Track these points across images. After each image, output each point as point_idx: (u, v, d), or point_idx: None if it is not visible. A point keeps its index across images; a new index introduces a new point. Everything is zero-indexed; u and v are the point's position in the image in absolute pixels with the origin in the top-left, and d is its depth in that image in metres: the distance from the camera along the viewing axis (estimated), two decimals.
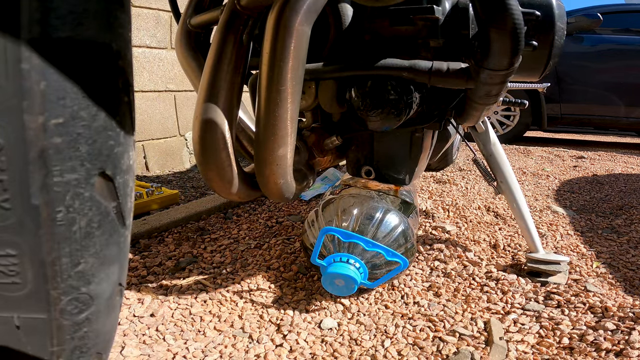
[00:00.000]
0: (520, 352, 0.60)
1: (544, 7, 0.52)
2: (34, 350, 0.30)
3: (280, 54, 0.39)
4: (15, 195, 0.25)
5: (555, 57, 0.55)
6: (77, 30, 0.25)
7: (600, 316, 0.70)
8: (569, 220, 1.25)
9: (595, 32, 2.98)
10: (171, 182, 1.71)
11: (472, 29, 0.52)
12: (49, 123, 0.25)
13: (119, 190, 0.30)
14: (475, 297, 0.76)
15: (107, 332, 0.33)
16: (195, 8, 0.63)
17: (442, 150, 0.86)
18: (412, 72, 0.49)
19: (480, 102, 0.50)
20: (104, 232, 0.30)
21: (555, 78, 3.03)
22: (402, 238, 0.71)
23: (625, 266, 0.91)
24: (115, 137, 0.29)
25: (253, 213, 1.23)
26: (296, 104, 0.43)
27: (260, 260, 0.89)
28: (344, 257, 0.65)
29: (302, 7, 0.38)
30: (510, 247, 1.00)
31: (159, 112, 1.94)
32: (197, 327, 0.65)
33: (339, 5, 0.55)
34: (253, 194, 0.51)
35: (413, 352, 0.60)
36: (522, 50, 0.40)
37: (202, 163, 0.44)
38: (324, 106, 0.57)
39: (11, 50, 0.23)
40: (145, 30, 1.82)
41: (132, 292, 0.75)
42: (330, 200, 0.76)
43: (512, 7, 0.37)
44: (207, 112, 0.43)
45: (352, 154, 0.63)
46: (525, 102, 0.85)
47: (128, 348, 0.59)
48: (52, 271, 0.28)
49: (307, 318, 0.68)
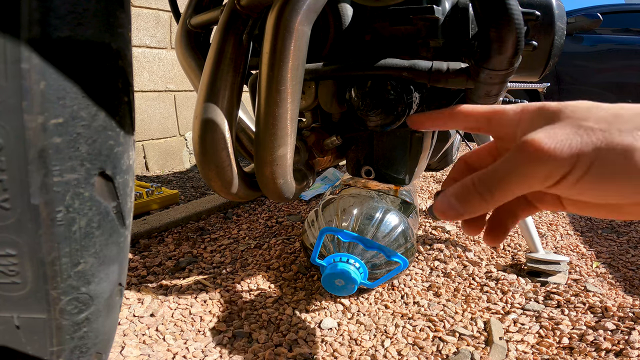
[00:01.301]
0: (520, 352, 0.60)
1: (544, 7, 0.52)
2: (33, 350, 0.30)
3: (280, 54, 0.39)
4: (15, 195, 0.25)
5: (555, 57, 0.55)
6: (76, 30, 0.25)
7: (600, 316, 0.70)
8: (569, 220, 1.25)
9: (595, 32, 2.98)
10: (171, 182, 1.71)
11: (472, 29, 0.52)
12: (48, 123, 0.25)
13: (119, 190, 0.30)
14: (475, 297, 0.76)
15: (107, 332, 0.33)
16: (195, 8, 0.63)
17: (442, 150, 0.86)
18: (412, 72, 0.49)
19: (480, 102, 0.50)
20: (103, 232, 0.30)
21: (555, 78, 3.03)
22: (402, 238, 0.71)
23: (625, 266, 0.91)
24: (115, 137, 0.29)
25: (253, 213, 1.23)
26: (296, 104, 0.43)
27: (260, 260, 0.89)
28: (344, 257, 0.65)
29: (302, 7, 0.38)
30: (510, 247, 1.00)
31: (159, 112, 1.94)
32: (197, 327, 0.65)
33: (339, 5, 0.55)
34: (253, 194, 0.50)
35: (413, 352, 0.60)
36: (522, 50, 0.40)
37: (202, 163, 0.44)
38: (323, 106, 0.57)
39: (11, 50, 0.23)
40: (145, 30, 1.82)
41: (132, 292, 0.75)
42: (330, 200, 0.76)
43: (512, 7, 0.37)
44: (207, 112, 0.43)
45: (352, 154, 0.63)
46: (525, 102, 0.85)
47: (128, 348, 0.59)
48: (52, 271, 0.28)
49: (307, 318, 0.68)
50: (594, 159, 0.21)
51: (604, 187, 0.21)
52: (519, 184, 0.23)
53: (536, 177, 0.22)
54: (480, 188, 0.24)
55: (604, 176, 0.21)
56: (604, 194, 0.22)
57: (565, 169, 0.21)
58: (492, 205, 0.25)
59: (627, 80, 2.89)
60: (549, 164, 0.21)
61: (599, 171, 0.21)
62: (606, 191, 0.22)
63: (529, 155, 0.22)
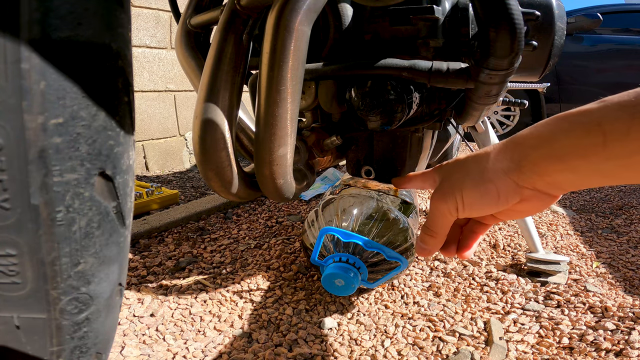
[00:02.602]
0: (520, 352, 0.60)
1: (544, 7, 0.52)
2: (33, 350, 0.30)
3: (280, 54, 0.39)
4: (15, 195, 0.25)
5: (555, 57, 0.55)
6: (76, 30, 0.25)
7: (600, 316, 0.70)
8: (569, 220, 1.25)
9: (595, 32, 2.98)
10: (171, 182, 1.71)
11: (472, 29, 0.52)
12: (48, 123, 0.25)
13: (119, 190, 0.30)
14: (475, 297, 0.76)
15: (107, 332, 0.33)
16: (195, 8, 0.63)
17: (442, 150, 0.86)
18: (412, 72, 0.49)
19: (480, 102, 0.50)
20: (103, 232, 0.30)
21: (555, 78, 3.03)
22: (402, 238, 0.71)
23: (625, 266, 0.91)
24: (115, 137, 0.29)
25: (253, 213, 1.23)
26: (296, 104, 0.43)
27: (260, 260, 0.89)
28: (344, 257, 0.65)
29: (302, 7, 0.38)
30: (510, 247, 1.00)
31: (159, 112, 1.94)
32: (197, 327, 0.65)
33: (339, 5, 0.55)
34: (253, 194, 0.50)
35: (413, 352, 0.60)
36: (522, 50, 0.40)
37: (202, 163, 0.44)
38: (323, 106, 0.57)
39: (11, 50, 0.23)
40: (145, 30, 1.82)
41: (132, 292, 0.75)
42: (330, 200, 0.76)
43: (512, 7, 0.37)
44: (207, 112, 0.43)
45: (352, 154, 0.63)
46: (525, 102, 0.85)
47: (128, 348, 0.59)
48: (52, 271, 0.28)
49: (307, 318, 0.68)
50: (461, 194, 0.35)
51: (477, 206, 0.35)
52: (441, 219, 0.37)
53: (445, 211, 0.36)
54: (427, 231, 0.39)
55: (471, 201, 0.35)
56: (481, 209, 0.35)
57: (452, 203, 0.35)
58: (439, 237, 0.39)
59: (627, 80, 2.89)
60: (444, 204, 0.36)
61: (467, 199, 0.35)
62: (480, 207, 0.34)
63: (435, 203, 0.37)
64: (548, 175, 0.31)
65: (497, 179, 0.33)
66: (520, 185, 0.33)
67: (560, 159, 0.29)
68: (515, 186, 0.33)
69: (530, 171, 0.31)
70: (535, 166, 0.31)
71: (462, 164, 0.36)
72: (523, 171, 0.32)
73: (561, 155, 0.29)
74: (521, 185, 0.32)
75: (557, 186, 0.32)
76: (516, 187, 0.33)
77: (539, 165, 0.31)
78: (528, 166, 0.31)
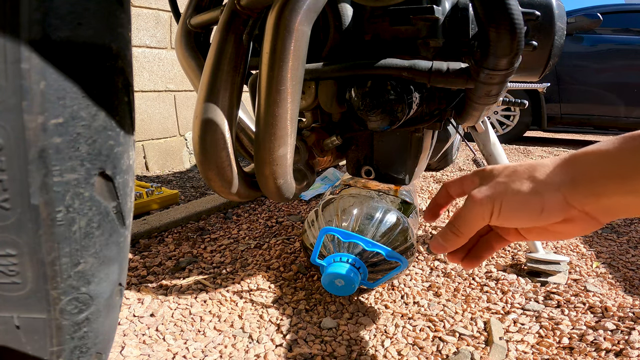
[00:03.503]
0: (520, 352, 0.60)
1: (544, 7, 0.52)
2: (33, 350, 0.30)
3: (280, 54, 0.39)
4: (15, 195, 0.25)
5: (555, 57, 0.55)
6: (76, 30, 0.25)
7: (600, 316, 0.70)
8: None
9: (595, 32, 2.98)
10: (171, 182, 1.71)
11: (472, 29, 0.52)
12: (48, 123, 0.25)
13: (119, 190, 0.30)
14: (475, 297, 0.76)
15: (107, 332, 0.33)
16: (195, 8, 0.63)
17: (442, 150, 0.86)
18: (412, 72, 0.49)
19: (480, 102, 0.50)
20: (103, 232, 0.30)
21: (555, 78, 3.03)
22: (402, 238, 0.71)
23: (625, 266, 0.91)
24: (115, 137, 0.29)
25: (253, 213, 1.23)
26: (296, 104, 0.43)
27: (260, 260, 0.89)
28: (344, 257, 0.65)
29: (302, 7, 0.38)
30: (510, 247, 1.00)
31: (159, 112, 1.94)
32: (197, 327, 0.65)
33: (339, 5, 0.55)
34: (253, 194, 0.50)
35: (413, 352, 0.60)
36: (522, 50, 0.40)
37: (202, 163, 0.44)
38: (323, 106, 0.57)
39: (11, 50, 0.23)
40: (145, 30, 1.82)
41: (132, 292, 0.75)
42: (330, 200, 0.76)
43: (512, 7, 0.37)
44: (207, 112, 0.43)
45: (352, 154, 0.63)
46: (525, 102, 0.85)
47: (128, 348, 0.59)
48: (52, 271, 0.28)
49: (306, 318, 0.68)
50: (501, 200, 0.33)
51: (515, 216, 0.33)
52: (472, 221, 0.35)
53: (478, 214, 0.34)
54: (453, 228, 0.37)
55: (510, 209, 0.33)
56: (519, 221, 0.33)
57: (489, 207, 0.33)
58: (462, 238, 0.37)
59: (627, 80, 2.89)
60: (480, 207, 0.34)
61: (507, 207, 0.33)
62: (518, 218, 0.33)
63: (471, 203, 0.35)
64: (606, 197, 0.28)
65: (546, 192, 0.31)
66: (570, 204, 0.30)
67: (623, 178, 0.27)
68: (564, 203, 0.30)
69: (587, 189, 0.29)
70: (594, 184, 0.29)
71: (512, 170, 0.34)
72: (578, 189, 0.29)
73: (625, 174, 0.27)
74: (571, 203, 0.30)
75: (610, 210, 0.29)
76: (564, 204, 0.30)
77: (598, 182, 0.28)
78: (585, 184, 0.29)
